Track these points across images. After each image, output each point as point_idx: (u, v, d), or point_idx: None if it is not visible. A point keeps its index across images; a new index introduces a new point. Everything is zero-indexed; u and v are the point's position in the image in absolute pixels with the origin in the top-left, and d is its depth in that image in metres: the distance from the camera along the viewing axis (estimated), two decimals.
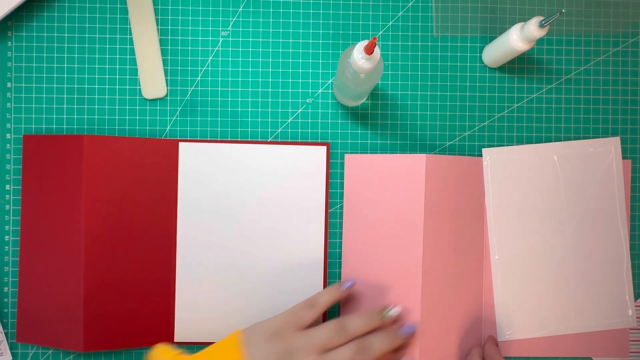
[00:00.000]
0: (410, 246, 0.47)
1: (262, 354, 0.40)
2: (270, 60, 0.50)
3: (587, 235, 0.50)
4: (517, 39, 0.44)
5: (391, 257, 0.48)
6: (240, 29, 0.50)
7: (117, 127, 0.49)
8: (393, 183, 0.48)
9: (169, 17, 0.49)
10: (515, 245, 0.50)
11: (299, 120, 0.50)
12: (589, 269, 0.50)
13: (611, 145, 0.50)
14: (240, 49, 0.50)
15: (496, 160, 0.50)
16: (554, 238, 0.50)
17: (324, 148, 0.49)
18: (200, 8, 0.49)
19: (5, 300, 0.48)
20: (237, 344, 0.41)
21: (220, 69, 0.49)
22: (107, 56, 0.49)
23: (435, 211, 0.47)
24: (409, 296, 0.47)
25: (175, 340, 0.48)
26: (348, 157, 0.49)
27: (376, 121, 0.50)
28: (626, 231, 0.50)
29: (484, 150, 0.50)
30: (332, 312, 0.49)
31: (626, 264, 0.50)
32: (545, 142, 0.51)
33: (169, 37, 0.49)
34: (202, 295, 0.48)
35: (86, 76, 0.49)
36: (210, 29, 0.50)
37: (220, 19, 0.50)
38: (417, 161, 0.47)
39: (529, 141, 0.51)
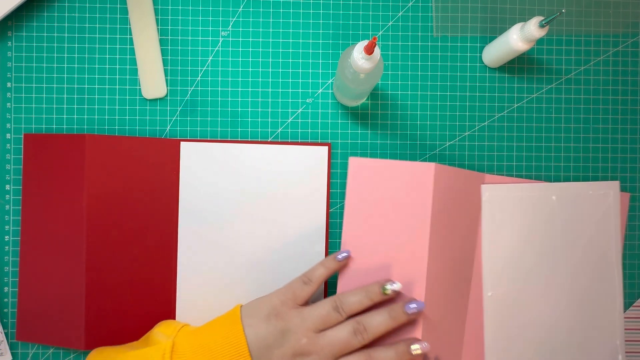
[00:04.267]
0: (414, 255, 0.47)
1: (258, 335, 0.40)
2: (270, 60, 0.50)
3: (581, 277, 0.50)
4: (517, 39, 0.44)
5: (393, 263, 0.47)
6: (240, 29, 0.50)
7: (117, 127, 0.49)
8: (398, 190, 0.47)
9: (169, 17, 0.49)
10: (508, 284, 0.49)
11: (299, 120, 0.50)
12: (581, 312, 0.50)
13: (610, 189, 0.50)
14: (240, 49, 0.50)
15: (495, 197, 0.49)
16: (547, 278, 0.49)
17: (326, 148, 0.49)
18: (200, 8, 0.49)
19: (5, 300, 0.48)
20: (238, 322, 0.40)
21: (220, 69, 0.49)
22: (107, 56, 0.49)
23: (440, 222, 0.47)
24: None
25: None
26: (352, 160, 0.45)
27: (376, 121, 0.50)
28: (620, 277, 0.50)
29: (482, 186, 0.49)
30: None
31: (618, 309, 0.50)
32: (546, 142, 0.51)
33: (169, 37, 0.49)
34: (202, 294, 0.48)
35: (86, 76, 0.49)
36: (210, 29, 0.50)
37: (220, 19, 0.50)
38: (425, 170, 0.46)
39: (529, 141, 0.51)
